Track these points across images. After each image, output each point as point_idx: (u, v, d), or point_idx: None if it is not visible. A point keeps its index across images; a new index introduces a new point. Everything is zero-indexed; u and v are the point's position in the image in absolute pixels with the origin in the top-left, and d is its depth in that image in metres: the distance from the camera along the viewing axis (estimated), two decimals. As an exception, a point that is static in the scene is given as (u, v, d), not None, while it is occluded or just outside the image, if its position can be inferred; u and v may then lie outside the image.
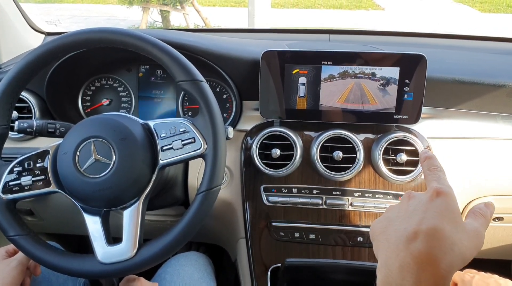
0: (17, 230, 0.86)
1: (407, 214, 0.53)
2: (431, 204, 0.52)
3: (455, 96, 1.09)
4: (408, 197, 0.56)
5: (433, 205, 0.52)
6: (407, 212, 0.53)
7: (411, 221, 0.51)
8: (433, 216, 0.50)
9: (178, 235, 0.82)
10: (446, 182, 0.56)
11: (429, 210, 0.51)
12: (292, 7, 9.40)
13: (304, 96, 1.07)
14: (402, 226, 0.52)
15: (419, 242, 0.48)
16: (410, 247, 0.48)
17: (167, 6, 6.45)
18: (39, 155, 0.88)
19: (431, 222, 0.50)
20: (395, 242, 0.50)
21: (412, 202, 0.54)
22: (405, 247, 0.49)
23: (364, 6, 9.70)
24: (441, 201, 0.52)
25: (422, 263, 0.47)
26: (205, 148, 0.83)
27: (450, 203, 0.52)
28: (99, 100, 1.24)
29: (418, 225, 0.50)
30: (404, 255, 0.48)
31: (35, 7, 7.33)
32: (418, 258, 0.47)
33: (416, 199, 0.54)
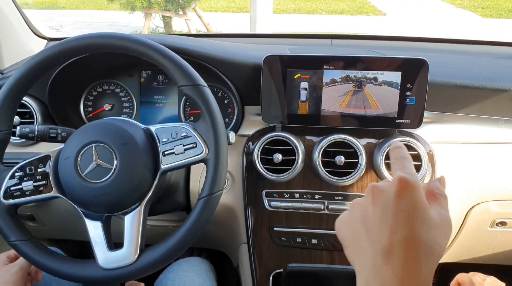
0: (18, 235, 0.86)
1: (376, 219, 0.51)
2: (400, 204, 0.49)
3: (457, 101, 1.08)
4: (372, 192, 0.53)
5: (402, 205, 0.49)
6: (375, 215, 0.51)
7: (383, 230, 0.49)
8: (404, 222, 0.48)
9: (180, 241, 0.82)
10: (410, 169, 0.54)
11: (399, 213, 0.49)
12: (294, 12, 9.43)
13: (306, 101, 1.07)
14: (375, 236, 0.50)
15: (397, 256, 0.47)
16: (388, 263, 0.47)
17: (169, 11, 6.48)
18: (40, 160, 0.88)
19: (404, 232, 0.48)
20: (372, 258, 0.48)
21: (379, 200, 0.51)
22: (384, 263, 0.47)
23: (366, 11, 9.72)
24: (408, 198, 0.50)
25: (403, 278, 0.46)
26: (207, 153, 0.83)
27: (418, 198, 0.50)
28: (101, 105, 1.24)
29: (392, 235, 0.48)
30: (384, 273, 0.47)
31: (37, 13, 7.34)
32: (399, 274, 0.46)
33: (383, 195, 0.51)
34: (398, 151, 0.57)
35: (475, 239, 1.20)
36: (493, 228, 1.15)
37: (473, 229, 1.15)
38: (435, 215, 0.51)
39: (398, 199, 0.50)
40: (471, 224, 1.13)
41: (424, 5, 10.16)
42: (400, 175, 0.52)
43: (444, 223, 0.51)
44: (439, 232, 0.50)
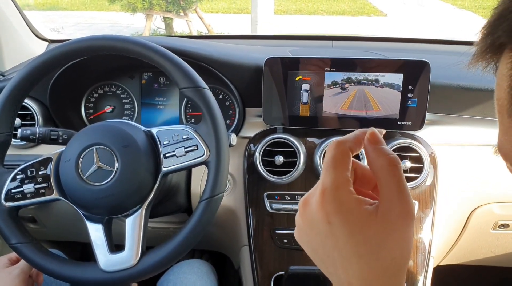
0: (19, 238, 0.86)
1: (316, 245, 0.45)
2: (331, 236, 0.43)
3: (459, 102, 1.08)
4: (303, 211, 0.47)
5: (333, 236, 0.43)
6: (316, 241, 0.45)
7: (328, 264, 0.45)
8: (347, 256, 0.43)
9: (181, 243, 0.81)
10: (334, 175, 0.44)
11: (336, 249, 0.43)
12: (295, 13, 9.43)
13: (307, 103, 1.06)
14: (326, 269, 0.45)
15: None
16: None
17: (170, 13, 6.49)
18: (41, 162, 0.88)
19: (351, 271, 0.42)
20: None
21: (310, 224, 0.46)
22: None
23: (367, 12, 9.72)
24: (338, 224, 0.43)
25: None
26: (208, 155, 0.83)
27: (350, 218, 0.43)
28: (102, 107, 1.24)
29: (344, 274, 0.43)
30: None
31: (39, 14, 7.34)
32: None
33: (312, 221, 0.45)
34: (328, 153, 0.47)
35: (477, 241, 1.19)
36: (495, 230, 1.15)
37: (475, 231, 1.14)
38: (375, 213, 0.43)
39: (328, 225, 0.43)
40: (474, 226, 1.13)
41: (425, 6, 10.16)
42: (321, 190, 0.45)
43: (390, 215, 0.42)
44: (395, 242, 0.42)
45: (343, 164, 0.46)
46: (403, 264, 0.43)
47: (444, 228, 1.08)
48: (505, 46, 0.35)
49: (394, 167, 0.44)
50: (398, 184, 0.43)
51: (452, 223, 1.11)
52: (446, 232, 1.10)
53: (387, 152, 0.45)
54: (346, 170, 0.45)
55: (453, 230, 1.13)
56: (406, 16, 9.28)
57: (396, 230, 0.42)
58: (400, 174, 0.44)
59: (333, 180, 0.44)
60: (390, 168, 0.44)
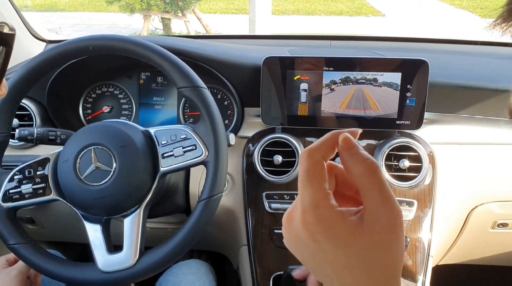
0: (17, 238, 0.85)
1: (307, 258, 0.44)
2: (319, 252, 0.42)
3: (457, 101, 1.08)
4: (288, 227, 0.45)
5: (322, 252, 0.42)
6: (305, 255, 0.45)
7: (322, 275, 0.44)
8: (338, 268, 0.42)
9: (180, 243, 0.81)
10: (311, 192, 0.43)
11: (327, 263, 0.42)
12: (293, 13, 9.43)
13: (306, 102, 1.06)
14: (321, 278, 0.45)
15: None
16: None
17: (168, 13, 6.48)
18: (39, 163, 0.88)
19: (345, 280, 0.41)
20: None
21: (296, 240, 0.44)
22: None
23: (365, 13, 9.73)
24: (324, 241, 0.42)
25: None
26: (207, 155, 0.83)
27: (335, 234, 0.41)
28: (100, 107, 1.24)
29: (339, 282, 0.42)
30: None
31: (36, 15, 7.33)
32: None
33: (298, 237, 0.44)
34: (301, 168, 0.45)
35: (476, 240, 1.19)
36: (494, 230, 1.15)
37: (475, 230, 1.14)
38: (360, 224, 0.41)
39: (313, 244, 0.42)
40: (473, 226, 1.13)
41: (423, 6, 10.17)
42: (300, 198, 0.44)
43: (376, 225, 0.41)
44: (376, 244, 0.40)
45: (318, 177, 0.43)
46: (396, 270, 0.42)
47: (443, 227, 1.08)
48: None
49: (372, 173, 0.42)
50: (380, 192, 0.41)
51: (451, 223, 1.11)
52: (445, 231, 1.10)
53: (363, 158, 0.42)
54: (322, 182, 0.43)
55: (452, 229, 1.13)
56: (404, 16, 9.29)
57: (385, 239, 0.40)
58: (381, 180, 0.41)
59: (312, 197, 0.42)
60: (368, 175, 0.42)
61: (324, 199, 0.42)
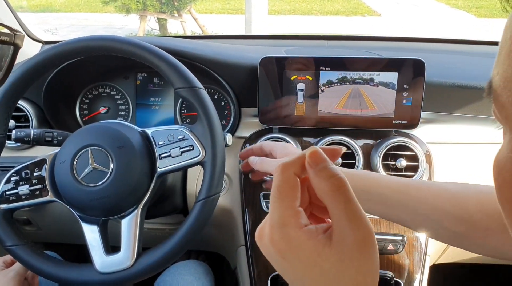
0: (14, 240, 0.85)
1: (280, 271, 0.44)
2: (290, 269, 0.42)
3: (454, 101, 1.08)
4: (260, 244, 0.45)
5: (292, 269, 0.42)
6: (278, 269, 0.44)
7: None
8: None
9: (177, 244, 0.81)
10: (280, 210, 0.42)
11: (297, 280, 0.42)
12: (289, 13, 9.44)
13: (303, 102, 1.06)
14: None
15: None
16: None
17: (164, 14, 6.48)
18: (36, 164, 0.87)
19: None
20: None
21: (268, 256, 0.44)
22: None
23: (361, 12, 9.75)
24: (292, 260, 0.42)
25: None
26: (204, 156, 0.83)
27: (302, 254, 0.41)
28: (97, 108, 1.23)
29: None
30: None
31: (32, 16, 7.31)
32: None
33: (269, 254, 0.44)
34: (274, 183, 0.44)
35: (473, 239, 1.19)
36: (491, 228, 1.15)
37: (471, 229, 1.15)
38: (329, 244, 0.40)
39: (282, 261, 0.42)
40: (469, 224, 1.13)
41: (419, 5, 10.20)
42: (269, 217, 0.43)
43: (344, 244, 0.39)
44: (345, 264, 0.40)
45: (289, 194, 0.42)
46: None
47: (440, 226, 1.08)
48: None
49: (337, 191, 0.40)
50: (345, 210, 0.40)
51: (448, 221, 1.11)
52: (442, 230, 1.10)
53: (328, 175, 0.41)
54: (293, 200, 0.42)
55: (449, 228, 1.13)
56: (400, 15, 9.31)
57: (354, 258, 0.39)
58: (347, 198, 0.40)
59: (280, 215, 0.42)
60: (333, 193, 0.40)
61: (292, 218, 0.42)
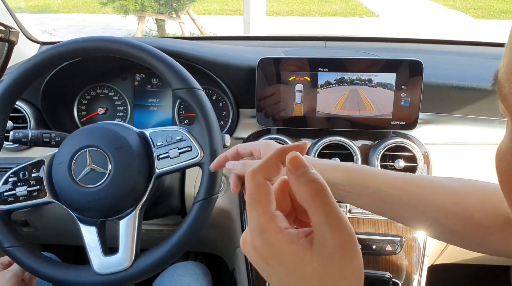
0: (12, 241, 0.85)
1: (266, 277, 0.44)
2: (274, 274, 0.42)
3: (452, 102, 1.09)
4: (245, 250, 0.45)
5: (276, 275, 0.42)
6: (264, 274, 0.44)
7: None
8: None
9: (175, 245, 0.81)
10: (256, 216, 0.42)
11: (281, 284, 0.42)
12: (287, 15, 9.45)
13: (301, 103, 1.06)
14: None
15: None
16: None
17: (162, 15, 6.48)
18: (34, 165, 0.87)
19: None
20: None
21: (254, 261, 0.44)
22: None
23: (359, 13, 9.76)
24: (275, 265, 0.41)
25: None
26: (202, 157, 0.83)
27: (285, 258, 0.40)
28: (95, 109, 1.23)
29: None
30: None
31: (30, 16, 7.30)
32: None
33: (254, 260, 0.43)
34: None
35: (471, 239, 1.20)
36: (488, 229, 1.15)
37: (469, 230, 1.15)
38: (310, 248, 0.40)
39: (260, 257, 0.42)
40: (467, 225, 1.13)
41: (416, 7, 10.21)
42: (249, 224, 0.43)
43: (325, 249, 0.39)
44: (326, 268, 0.39)
45: (262, 200, 0.42)
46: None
47: (438, 227, 1.08)
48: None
49: (317, 196, 0.40)
50: (325, 215, 0.39)
51: (446, 222, 1.11)
52: (440, 231, 1.10)
53: (308, 180, 0.41)
54: (267, 204, 0.42)
55: (447, 229, 1.13)
56: (398, 17, 9.33)
57: (335, 262, 0.39)
58: (326, 203, 0.40)
59: (257, 221, 0.41)
60: (312, 198, 0.40)
61: (269, 222, 0.41)
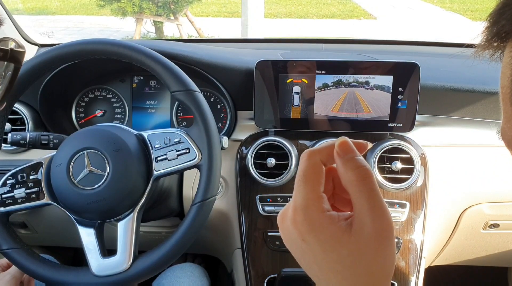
0: (10, 243, 0.85)
1: (298, 256, 0.45)
2: (309, 252, 0.43)
3: (449, 104, 1.09)
4: (282, 226, 0.45)
5: (311, 252, 0.42)
6: (297, 253, 0.45)
7: (311, 274, 0.44)
8: (325, 270, 0.42)
9: (173, 247, 0.81)
10: (305, 192, 0.43)
11: (315, 263, 0.43)
12: (285, 17, 9.45)
13: (299, 105, 1.07)
14: (311, 277, 0.44)
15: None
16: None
17: (160, 17, 6.47)
18: (32, 167, 0.87)
19: (331, 283, 0.42)
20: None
21: (289, 239, 0.45)
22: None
23: (357, 16, 9.77)
24: (312, 242, 0.42)
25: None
26: (200, 158, 0.83)
27: (322, 237, 0.42)
28: (93, 111, 1.23)
29: (326, 283, 0.43)
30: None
31: (28, 18, 7.30)
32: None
33: (290, 236, 0.44)
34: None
35: (468, 241, 1.20)
36: (486, 230, 1.16)
37: (466, 231, 1.15)
38: (349, 231, 0.41)
39: (303, 244, 0.43)
40: (464, 227, 1.13)
41: (414, 9, 10.23)
42: (292, 209, 0.44)
43: (363, 233, 0.41)
44: (361, 252, 0.40)
45: (314, 179, 0.43)
46: (384, 278, 0.41)
47: (435, 228, 1.09)
48: (510, 35, 0.35)
49: (362, 181, 0.42)
50: (368, 200, 0.41)
51: (443, 224, 1.11)
52: (437, 232, 1.11)
53: (355, 165, 0.42)
54: (317, 185, 0.43)
55: (444, 230, 1.14)
56: (396, 19, 9.34)
57: (371, 247, 0.40)
58: (371, 188, 0.41)
59: (304, 198, 0.43)
60: (358, 183, 0.42)
61: (315, 201, 0.43)
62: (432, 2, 10.77)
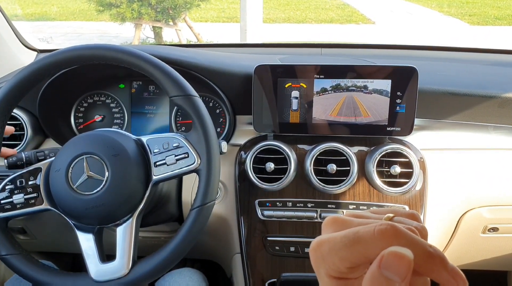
0: (9, 249, 0.85)
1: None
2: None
3: (447, 108, 1.09)
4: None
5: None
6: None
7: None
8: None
9: (173, 252, 0.81)
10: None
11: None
12: (283, 22, 9.48)
13: (297, 110, 1.07)
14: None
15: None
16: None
17: (159, 22, 6.48)
18: (31, 172, 0.87)
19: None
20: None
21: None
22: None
23: (355, 20, 9.80)
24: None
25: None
26: (199, 163, 0.83)
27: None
28: (92, 117, 1.23)
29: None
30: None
31: (27, 24, 7.30)
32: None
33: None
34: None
35: (467, 245, 1.20)
36: (485, 234, 1.16)
37: (465, 235, 1.15)
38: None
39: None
40: (463, 231, 1.13)
41: (412, 13, 10.27)
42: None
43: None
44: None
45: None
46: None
47: (434, 232, 1.09)
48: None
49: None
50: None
51: (442, 228, 1.11)
52: (436, 236, 1.11)
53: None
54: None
55: (443, 234, 1.14)
56: (394, 23, 9.37)
57: None
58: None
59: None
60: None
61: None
62: (430, 6, 10.81)
